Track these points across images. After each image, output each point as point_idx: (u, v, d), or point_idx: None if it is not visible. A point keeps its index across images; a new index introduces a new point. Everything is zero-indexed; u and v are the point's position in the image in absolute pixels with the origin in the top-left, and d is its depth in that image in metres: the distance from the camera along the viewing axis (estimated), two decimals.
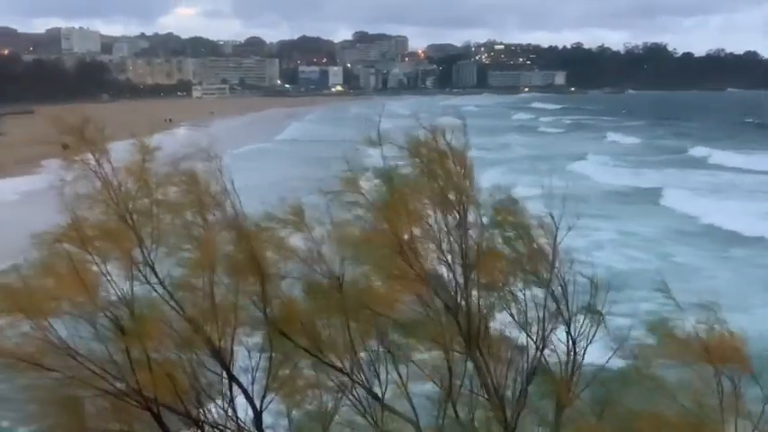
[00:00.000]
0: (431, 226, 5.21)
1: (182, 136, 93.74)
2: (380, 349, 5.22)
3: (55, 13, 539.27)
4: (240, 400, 5.22)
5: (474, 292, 5.14)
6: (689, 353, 4.68)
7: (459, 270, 5.09)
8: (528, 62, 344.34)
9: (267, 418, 5.18)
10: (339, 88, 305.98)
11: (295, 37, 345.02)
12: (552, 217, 5.14)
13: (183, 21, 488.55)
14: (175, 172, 5.24)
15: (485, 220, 5.27)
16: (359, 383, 5.17)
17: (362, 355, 5.24)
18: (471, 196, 5.21)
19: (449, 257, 5.12)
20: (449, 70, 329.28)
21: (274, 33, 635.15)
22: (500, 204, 5.38)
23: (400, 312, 5.17)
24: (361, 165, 5.28)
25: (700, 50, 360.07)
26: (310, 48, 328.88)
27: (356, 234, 5.11)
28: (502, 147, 69.30)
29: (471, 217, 5.24)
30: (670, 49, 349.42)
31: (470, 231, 5.19)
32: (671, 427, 4.63)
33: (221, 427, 5.21)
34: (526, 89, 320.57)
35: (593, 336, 5.05)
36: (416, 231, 5.19)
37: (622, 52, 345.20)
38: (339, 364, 5.17)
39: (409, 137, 5.30)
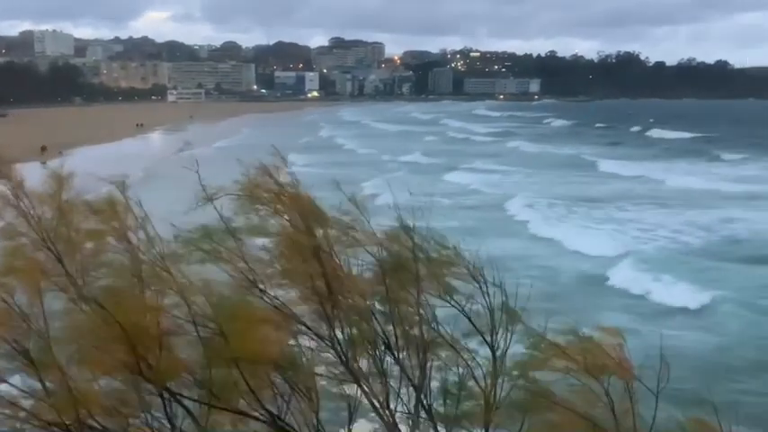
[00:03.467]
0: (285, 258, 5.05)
1: (150, 141, 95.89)
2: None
3: (25, 15, 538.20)
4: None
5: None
6: (570, 364, 4.38)
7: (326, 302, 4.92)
8: (503, 69, 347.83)
9: None
10: (315, 94, 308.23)
11: (271, 42, 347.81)
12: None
13: (154, 25, 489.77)
14: (92, 200, 5.10)
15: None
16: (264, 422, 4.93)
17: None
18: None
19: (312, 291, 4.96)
20: (425, 77, 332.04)
21: (248, 38, 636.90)
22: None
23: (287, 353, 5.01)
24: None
25: (672, 60, 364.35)
26: (286, 53, 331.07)
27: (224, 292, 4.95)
28: (403, 152, 72.18)
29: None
30: (642, 58, 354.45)
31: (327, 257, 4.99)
32: None
33: None
34: (501, 96, 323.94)
35: (511, 340, 4.73)
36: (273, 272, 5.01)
37: (596, 61, 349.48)
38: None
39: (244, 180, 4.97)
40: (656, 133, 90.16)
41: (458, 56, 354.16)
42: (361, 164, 61.54)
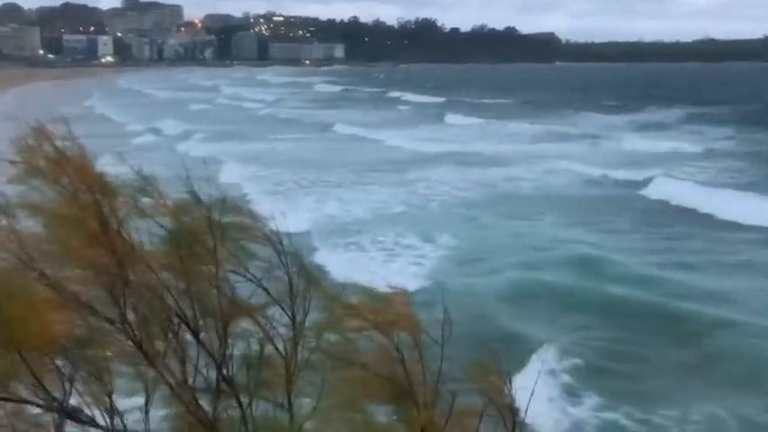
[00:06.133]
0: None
1: None
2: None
3: None
4: None
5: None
6: (361, 322, 4.39)
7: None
8: (308, 35, 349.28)
9: None
10: (110, 59, 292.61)
11: (57, 3, 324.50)
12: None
13: None
14: None
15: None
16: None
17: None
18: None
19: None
20: (228, 41, 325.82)
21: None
22: None
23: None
24: None
25: (466, 26, 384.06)
26: (75, 15, 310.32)
27: None
28: (157, 120, 72.17)
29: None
30: (439, 24, 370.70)
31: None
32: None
33: None
34: (307, 62, 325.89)
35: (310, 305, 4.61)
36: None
37: (396, 27, 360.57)
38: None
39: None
40: (410, 98, 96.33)
41: (261, 20, 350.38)
42: (106, 135, 60.65)
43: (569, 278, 22.03)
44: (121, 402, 4.38)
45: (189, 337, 4.49)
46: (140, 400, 4.53)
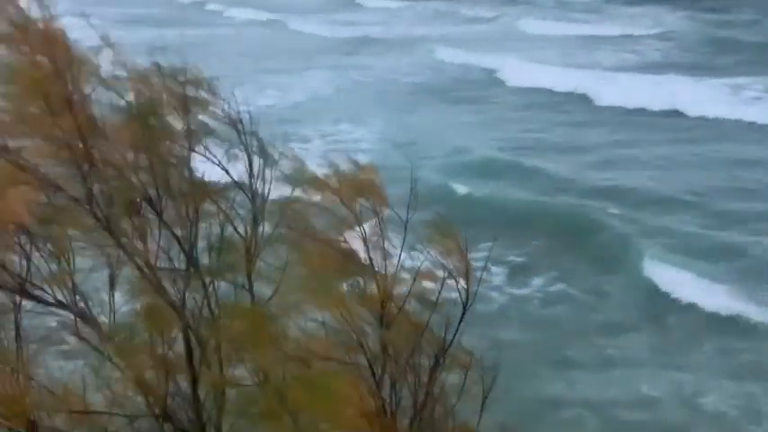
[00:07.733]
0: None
1: None
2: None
3: None
4: None
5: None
6: (329, 194, 4.47)
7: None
8: None
9: None
10: None
11: None
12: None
13: None
14: None
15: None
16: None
17: None
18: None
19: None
20: None
21: None
22: None
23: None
24: None
25: None
26: None
27: None
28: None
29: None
30: None
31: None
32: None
33: None
34: None
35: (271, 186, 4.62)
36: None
37: None
38: None
39: None
40: None
41: None
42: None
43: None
44: (85, 283, 4.30)
45: (153, 217, 4.37)
46: (103, 279, 4.48)
